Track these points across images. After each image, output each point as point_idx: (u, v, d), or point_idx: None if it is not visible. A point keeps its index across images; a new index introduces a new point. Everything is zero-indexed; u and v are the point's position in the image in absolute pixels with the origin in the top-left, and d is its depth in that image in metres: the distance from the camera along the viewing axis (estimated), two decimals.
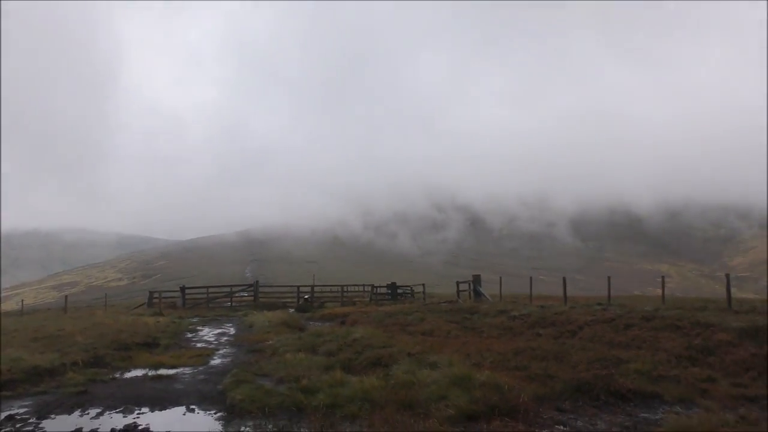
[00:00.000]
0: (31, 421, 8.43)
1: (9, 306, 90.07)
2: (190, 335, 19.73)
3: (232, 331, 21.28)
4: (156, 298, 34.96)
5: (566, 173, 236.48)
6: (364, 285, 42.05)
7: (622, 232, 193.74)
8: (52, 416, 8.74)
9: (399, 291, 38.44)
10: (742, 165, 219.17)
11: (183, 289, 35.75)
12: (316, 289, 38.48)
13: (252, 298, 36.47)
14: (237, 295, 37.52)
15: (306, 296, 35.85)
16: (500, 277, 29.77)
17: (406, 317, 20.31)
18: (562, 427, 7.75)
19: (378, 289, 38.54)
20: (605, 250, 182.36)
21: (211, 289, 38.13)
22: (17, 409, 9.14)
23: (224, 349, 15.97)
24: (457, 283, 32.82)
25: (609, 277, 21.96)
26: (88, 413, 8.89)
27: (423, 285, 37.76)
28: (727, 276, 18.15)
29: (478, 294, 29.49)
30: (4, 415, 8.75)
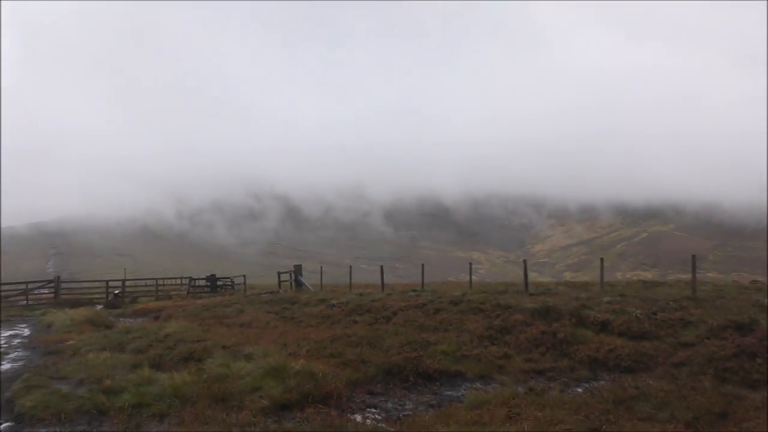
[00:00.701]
0: None
1: None
2: None
3: (26, 332, 19.27)
4: None
5: (379, 165, 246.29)
6: (181, 278, 40.29)
7: (435, 222, 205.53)
8: None
9: (219, 283, 37.41)
10: (535, 160, 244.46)
11: None
12: (128, 283, 36.13)
13: (53, 295, 33.32)
14: (35, 292, 34.04)
15: (116, 291, 33.52)
16: (321, 267, 30.12)
17: (225, 309, 19.82)
18: (373, 410, 8.03)
19: (196, 281, 37.19)
20: (422, 239, 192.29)
21: (2, 287, 34.21)
22: None
23: (16, 353, 14.39)
24: (279, 274, 32.69)
25: (423, 265, 23.14)
26: None
27: (244, 276, 37.05)
28: (525, 262, 19.95)
29: (299, 284, 29.63)
30: None
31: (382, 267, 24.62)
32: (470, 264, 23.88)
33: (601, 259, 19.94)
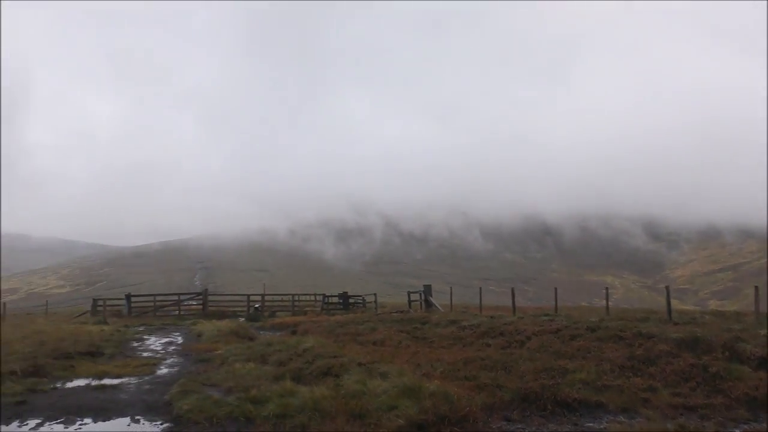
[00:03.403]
0: None
1: None
2: (136, 344, 19.25)
3: (179, 340, 20.86)
4: (100, 305, 33.98)
5: (480, 185, 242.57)
6: (315, 294, 41.84)
7: (567, 244, 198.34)
8: None
9: (351, 301, 38.40)
10: (641, 180, 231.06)
11: (128, 297, 34.84)
12: (267, 298, 38.04)
13: (201, 306, 35.82)
14: (186, 303, 36.79)
15: (256, 305, 35.42)
16: (450, 288, 30.07)
17: (358, 327, 20.28)
18: None
19: (329, 298, 38.42)
20: (552, 262, 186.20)
21: (158, 297, 37.30)
22: None
23: (171, 359, 15.63)
24: (409, 294, 33.03)
25: (556, 289, 22.47)
26: (27, 424, 8.59)
27: (375, 295, 37.80)
28: (667, 288, 18.80)
29: (429, 304, 29.72)
30: None
31: (513, 290, 24.16)
32: (606, 289, 22.82)
33: (756, 287, 18.36)
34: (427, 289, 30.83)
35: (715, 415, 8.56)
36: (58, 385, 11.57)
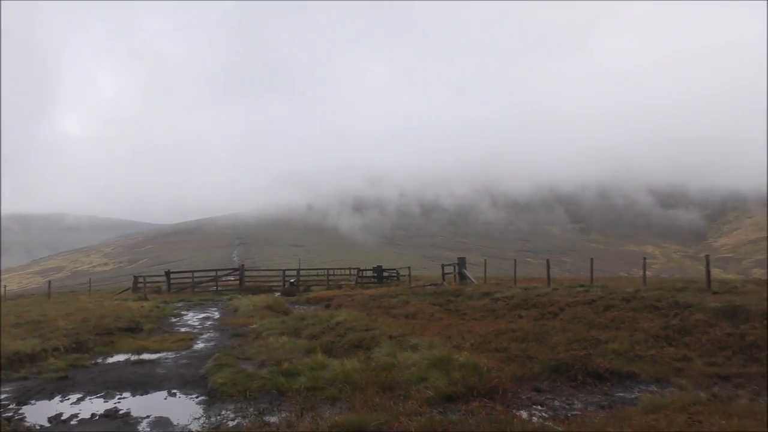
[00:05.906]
0: (10, 407, 8.41)
1: None
2: (174, 320, 19.71)
3: (216, 315, 21.29)
4: (141, 282, 34.83)
5: (504, 159, 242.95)
6: (350, 268, 42.12)
7: (606, 215, 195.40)
8: (33, 402, 8.73)
9: (385, 274, 38.56)
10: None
11: (168, 273, 35.59)
12: (302, 272, 38.44)
13: (238, 282, 36.43)
14: (223, 279, 37.44)
15: (291, 280, 35.86)
16: (485, 260, 29.91)
17: (391, 300, 20.39)
18: (539, 407, 7.85)
19: (364, 272, 38.64)
20: (591, 232, 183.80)
21: (196, 274, 38.01)
22: None
23: (208, 334, 15.99)
24: (442, 266, 32.93)
25: (592, 259, 22.14)
26: (68, 398, 8.90)
27: (409, 268, 37.88)
28: (707, 257, 18.35)
29: (463, 276, 29.66)
30: None
31: (548, 261, 23.94)
32: (644, 259, 22.42)
33: None
34: (461, 262, 30.74)
35: (749, 383, 8.39)
36: (99, 360, 11.96)
